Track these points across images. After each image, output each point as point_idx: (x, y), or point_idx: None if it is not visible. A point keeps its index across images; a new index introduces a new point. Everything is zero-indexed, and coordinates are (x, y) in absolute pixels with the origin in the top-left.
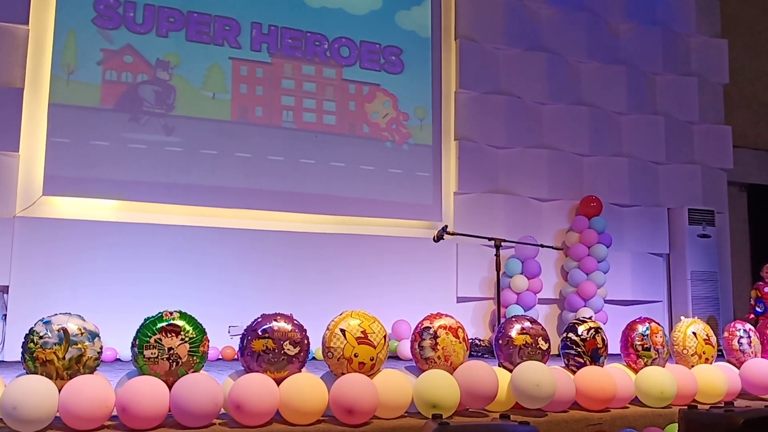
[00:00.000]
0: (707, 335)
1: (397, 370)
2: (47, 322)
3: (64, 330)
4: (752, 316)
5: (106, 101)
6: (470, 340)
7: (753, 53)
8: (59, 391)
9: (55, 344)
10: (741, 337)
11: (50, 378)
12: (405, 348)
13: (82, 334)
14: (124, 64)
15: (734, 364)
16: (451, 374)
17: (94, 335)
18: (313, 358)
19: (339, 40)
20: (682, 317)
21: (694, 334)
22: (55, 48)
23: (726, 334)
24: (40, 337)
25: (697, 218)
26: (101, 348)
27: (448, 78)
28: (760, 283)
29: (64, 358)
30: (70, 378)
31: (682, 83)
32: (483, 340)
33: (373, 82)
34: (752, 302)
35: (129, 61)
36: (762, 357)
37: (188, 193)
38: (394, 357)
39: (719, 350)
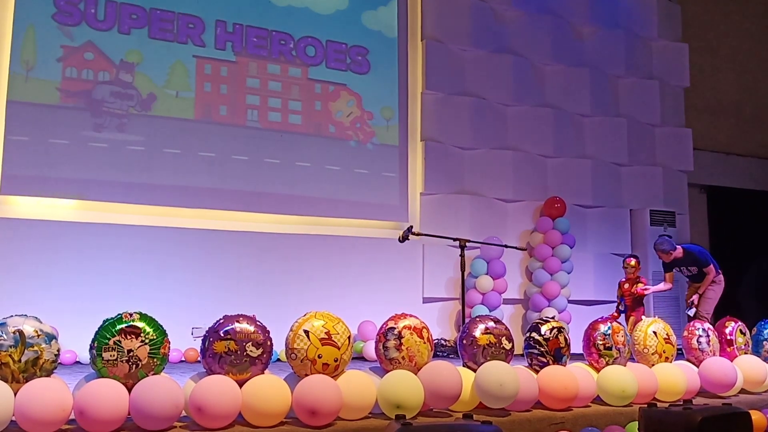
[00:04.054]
0: (667, 334)
1: (360, 371)
2: (2, 324)
3: (20, 332)
4: (615, 313)
5: (66, 99)
6: (436, 341)
7: (712, 57)
8: (15, 394)
9: (10, 347)
10: (700, 336)
11: (5, 381)
12: (371, 349)
13: (38, 336)
14: (85, 61)
15: (693, 363)
16: (416, 374)
17: (51, 337)
18: (278, 359)
19: (305, 39)
20: (643, 317)
21: (655, 333)
22: (13, 44)
23: (685, 333)
24: None
25: (659, 219)
26: (59, 350)
27: (414, 79)
28: (622, 280)
29: (20, 360)
30: (27, 381)
31: (644, 86)
32: (449, 341)
33: (339, 82)
34: (617, 300)
35: (90, 58)
36: (720, 356)
37: (150, 192)
38: (360, 358)
39: (679, 349)
